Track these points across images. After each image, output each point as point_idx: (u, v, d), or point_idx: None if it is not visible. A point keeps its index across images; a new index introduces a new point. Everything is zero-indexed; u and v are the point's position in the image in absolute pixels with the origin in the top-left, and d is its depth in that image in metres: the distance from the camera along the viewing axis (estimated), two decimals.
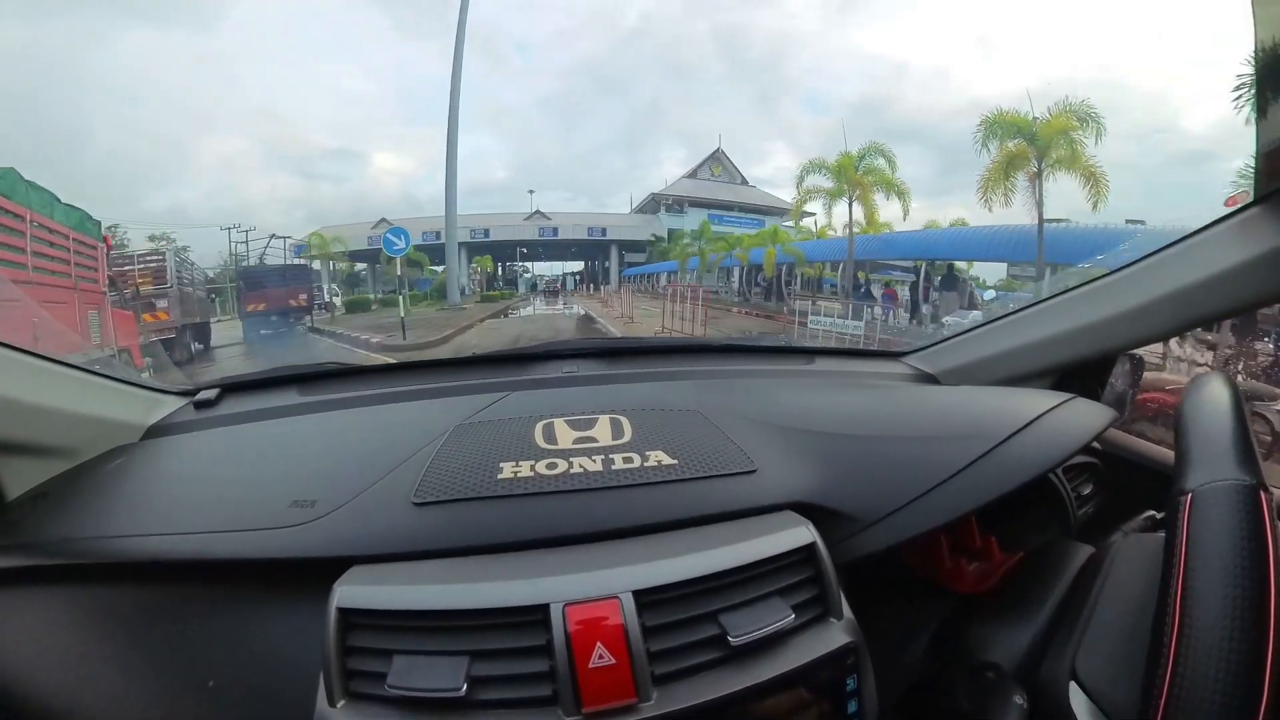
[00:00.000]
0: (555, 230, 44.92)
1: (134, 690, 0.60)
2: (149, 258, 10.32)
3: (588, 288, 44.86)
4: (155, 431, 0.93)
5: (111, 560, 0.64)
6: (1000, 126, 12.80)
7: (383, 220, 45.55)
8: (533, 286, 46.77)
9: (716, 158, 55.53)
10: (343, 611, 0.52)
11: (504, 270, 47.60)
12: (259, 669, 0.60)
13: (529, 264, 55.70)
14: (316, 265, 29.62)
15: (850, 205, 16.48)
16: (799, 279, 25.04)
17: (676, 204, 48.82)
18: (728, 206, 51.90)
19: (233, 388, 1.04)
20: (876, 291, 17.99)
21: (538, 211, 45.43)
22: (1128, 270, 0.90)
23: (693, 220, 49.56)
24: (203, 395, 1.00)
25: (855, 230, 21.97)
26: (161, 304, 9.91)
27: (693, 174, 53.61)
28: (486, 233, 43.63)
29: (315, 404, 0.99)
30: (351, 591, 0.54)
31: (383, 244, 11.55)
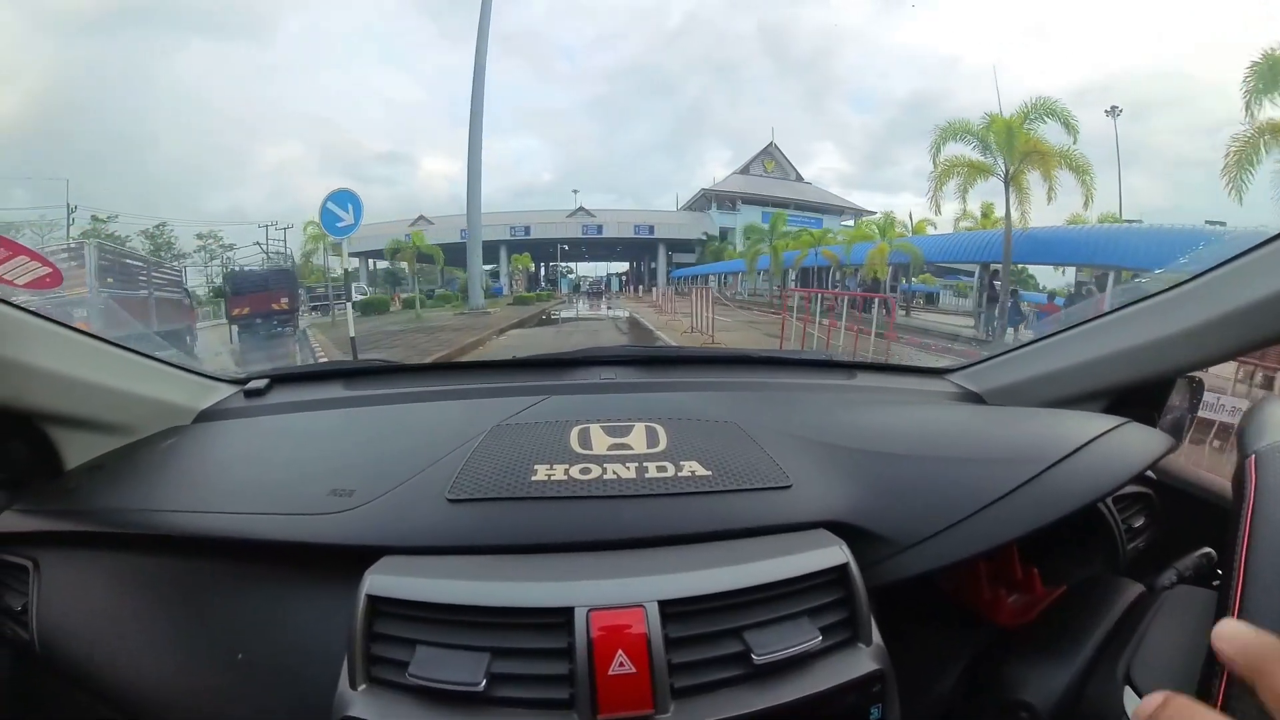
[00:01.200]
0: (600, 228, 41.24)
1: (166, 655, 0.64)
2: (60, 256, 7.86)
3: (633, 289, 41.03)
4: (207, 416, 0.97)
5: (156, 532, 0.68)
6: None
7: (420, 217, 43.53)
8: (575, 287, 43.39)
9: (769, 153, 50.53)
10: (371, 599, 0.53)
11: (547, 270, 44.43)
12: (286, 647, 0.62)
13: (572, 264, 52.90)
14: (355, 264, 26.75)
15: (1007, 185, 11.97)
16: (861, 280, 20.74)
17: (729, 201, 44.31)
18: (783, 204, 46.99)
19: (282, 378, 1.09)
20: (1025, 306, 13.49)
21: (581, 208, 41.89)
22: (1191, 284, 0.82)
23: (746, 219, 45.27)
24: (253, 384, 1.04)
25: (966, 225, 17.54)
26: (80, 314, 7.40)
27: (745, 169, 48.89)
28: (527, 230, 40.35)
29: (359, 398, 1.03)
30: (381, 580, 0.55)
31: (321, 220, 7.83)
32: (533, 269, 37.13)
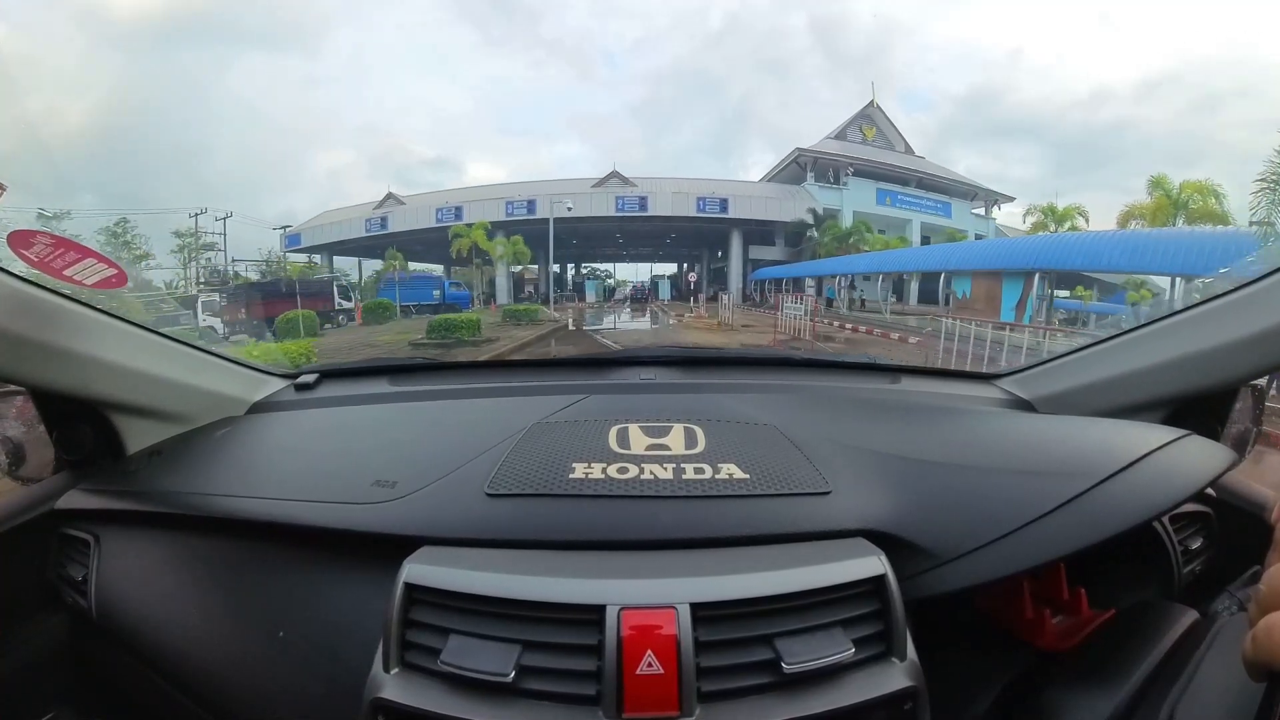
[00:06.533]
0: (643, 202, 26.16)
1: (212, 628, 0.74)
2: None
3: (694, 298, 25.34)
4: (259, 407, 1.13)
5: (208, 514, 0.80)
6: None
7: (389, 196, 30.64)
8: (608, 295, 28.58)
9: (868, 116, 34.87)
10: (409, 586, 0.60)
11: (576, 270, 29.94)
12: (325, 628, 0.71)
13: (609, 265, 38.79)
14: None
15: None
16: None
17: (830, 171, 27.94)
18: (903, 179, 29.88)
19: (331, 374, 1.26)
20: None
21: (614, 173, 27.09)
22: (1257, 285, 0.84)
23: (856, 197, 28.23)
24: (303, 378, 1.21)
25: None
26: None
27: (840, 135, 32.69)
28: (530, 206, 25.70)
29: (404, 394, 1.17)
30: (419, 569, 0.61)
31: None
32: (524, 261, 22.55)
